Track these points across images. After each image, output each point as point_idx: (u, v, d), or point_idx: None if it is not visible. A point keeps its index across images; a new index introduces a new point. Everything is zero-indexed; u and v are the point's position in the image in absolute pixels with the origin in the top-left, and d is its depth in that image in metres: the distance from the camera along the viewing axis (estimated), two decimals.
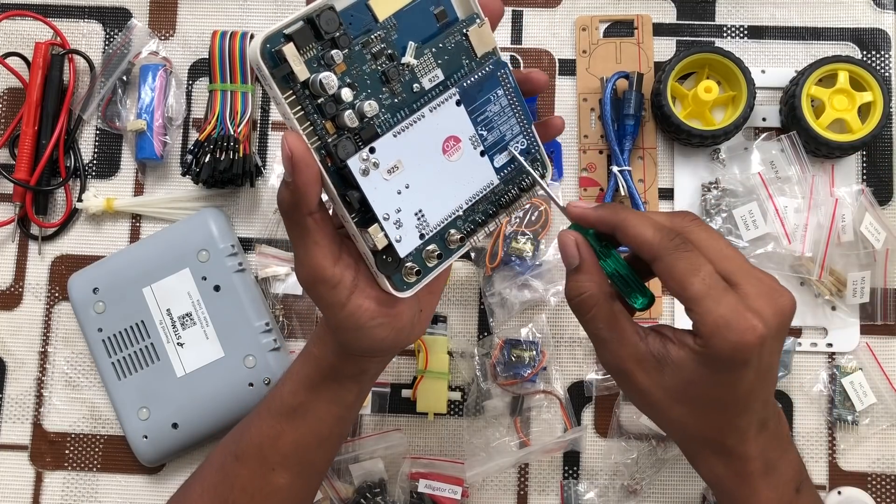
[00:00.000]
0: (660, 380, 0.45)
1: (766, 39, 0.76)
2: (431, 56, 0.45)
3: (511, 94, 0.47)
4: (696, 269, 0.42)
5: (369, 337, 0.47)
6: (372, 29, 0.44)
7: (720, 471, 0.48)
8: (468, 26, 0.46)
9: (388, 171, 0.44)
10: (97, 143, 0.77)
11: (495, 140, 0.47)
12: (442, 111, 0.45)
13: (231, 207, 0.75)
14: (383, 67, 0.44)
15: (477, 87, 0.46)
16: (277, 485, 0.54)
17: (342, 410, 0.54)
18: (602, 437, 0.72)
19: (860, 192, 0.73)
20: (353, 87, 0.43)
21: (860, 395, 0.71)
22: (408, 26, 0.44)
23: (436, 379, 0.70)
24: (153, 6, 0.78)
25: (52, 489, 0.73)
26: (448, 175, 0.46)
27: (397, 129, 0.44)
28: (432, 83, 0.45)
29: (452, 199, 0.46)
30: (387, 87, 0.44)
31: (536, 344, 0.71)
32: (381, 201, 0.44)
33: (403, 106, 0.45)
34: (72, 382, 0.74)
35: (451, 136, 0.45)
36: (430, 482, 0.69)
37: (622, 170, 0.72)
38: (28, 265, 0.75)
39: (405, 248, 0.45)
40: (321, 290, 0.45)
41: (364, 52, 0.43)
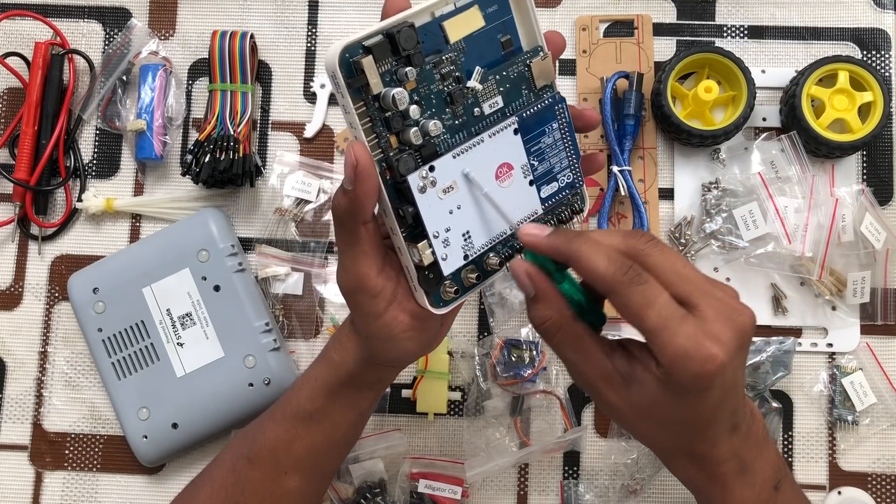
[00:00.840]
0: (627, 396, 0.45)
1: (766, 39, 0.76)
2: (494, 83, 0.46)
3: (565, 128, 0.48)
4: (651, 302, 0.42)
5: (398, 348, 0.49)
6: (443, 50, 0.44)
7: (693, 474, 0.48)
8: (532, 58, 0.47)
9: (443, 191, 0.44)
10: (97, 143, 0.77)
11: (545, 171, 0.48)
12: (500, 138, 0.46)
13: (231, 207, 0.75)
14: (450, 89, 0.45)
15: (535, 118, 0.47)
16: (288, 488, 0.54)
17: (357, 416, 0.55)
18: (602, 437, 0.72)
19: (860, 192, 0.73)
20: (420, 104, 0.44)
21: (860, 395, 0.71)
22: (475, 51, 0.45)
23: (436, 379, 0.70)
24: (153, 6, 0.78)
25: (52, 489, 0.73)
26: (498, 200, 0.46)
27: (457, 150, 0.44)
28: (491, 109, 0.46)
29: (498, 225, 0.47)
30: (450, 108, 0.45)
31: (536, 344, 0.71)
32: (434, 219, 0.44)
33: (463, 128, 0.45)
34: (72, 382, 0.74)
35: (505, 162, 0.46)
36: (430, 482, 0.69)
37: (622, 170, 0.72)
38: (28, 265, 0.75)
39: (449, 268, 0.46)
40: (361, 299, 0.46)
41: (434, 72, 0.44)
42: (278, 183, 0.75)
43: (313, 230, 0.74)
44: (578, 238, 0.44)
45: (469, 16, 0.44)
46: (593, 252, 0.43)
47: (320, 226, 0.75)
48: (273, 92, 0.77)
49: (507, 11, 0.46)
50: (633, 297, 0.42)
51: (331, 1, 0.78)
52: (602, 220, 0.73)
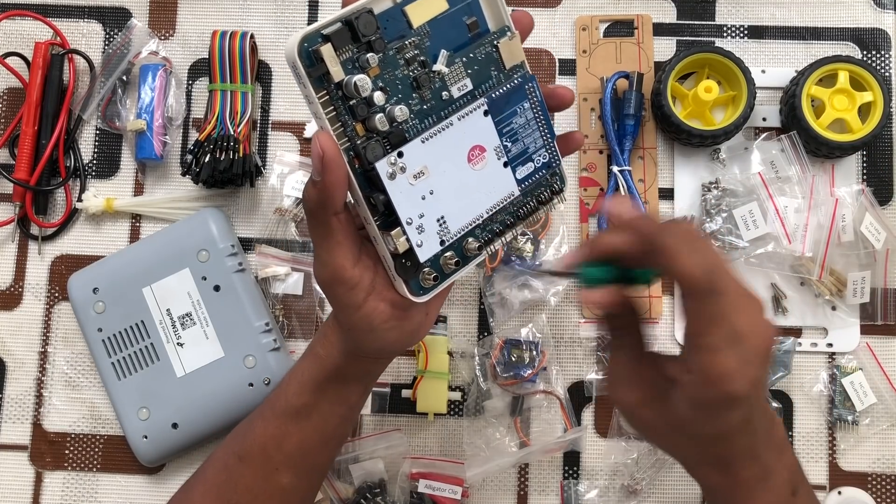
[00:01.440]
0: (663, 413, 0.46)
1: (766, 39, 0.76)
2: (462, 65, 0.46)
3: (537, 107, 0.48)
4: (724, 319, 0.42)
5: (381, 339, 0.48)
6: (406, 35, 0.44)
7: (716, 480, 0.48)
8: (499, 38, 0.46)
9: (413, 177, 0.44)
10: (97, 143, 0.77)
11: (519, 152, 0.48)
12: (470, 120, 0.45)
13: (231, 207, 0.75)
14: (415, 73, 0.44)
15: (505, 98, 0.46)
16: (281, 485, 0.54)
17: (346, 411, 0.55)
18: (602, 437, 0.72)
19: (860, 192, 0.73)
20: (385, 90, 0.43)
21: (860, 395, 0.71)
22: (440, 34, 0.45)
23: (436, 379, 0.70)
24: (153, 6, 0.78)
25: (52, 489, 0.73)
26: (471, 184, 0.46)
27: (426, 135, 0.44)
28: (461, 92, 0.46)
29: (474, 208, 0.47)
30: (417, 93, 0.44)
31: (536, 344, 0.71)
32: (406, 206, 0.44)
33: (432, 112, 0.45)
34: (72, 382, 0.74)
35: (476, 145, 0.46)
36: (430, 482, 0.69)
37: (622, 170, 0.72)
38: (28, 265, 0.75)
39: (425, 254, 0.45)
40: (339, 291, 0.46)
41: (398, 58, 0.44)
42: (278, 183, 0.74)
43: None
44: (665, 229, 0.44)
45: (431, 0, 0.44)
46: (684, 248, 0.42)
47: None
48: (273, 92, 0.77)
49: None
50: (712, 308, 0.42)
51: (331, 1, 0.78)
52: (602, 220, 0.73)
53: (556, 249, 0.73)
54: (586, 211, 0.74)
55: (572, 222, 0.74)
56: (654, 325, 0.72)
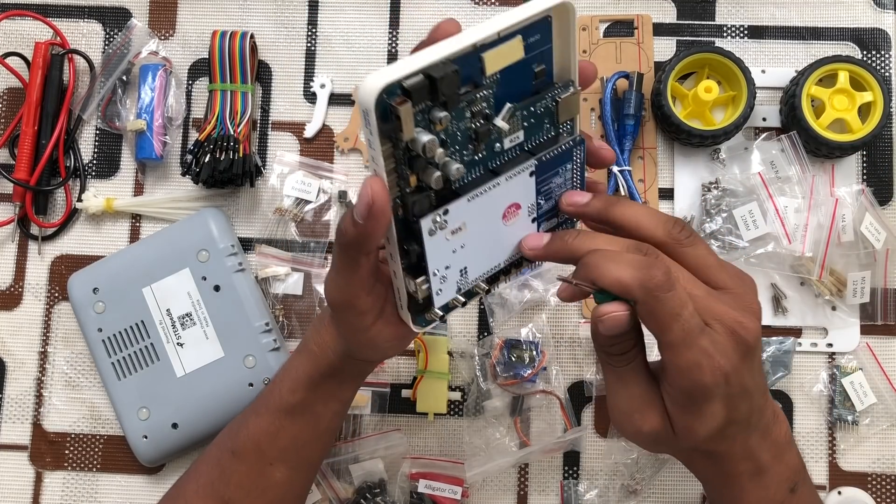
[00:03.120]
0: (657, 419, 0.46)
1: (766, 39, 0.76)
2: (519, 118, 0.44)
3: (577, 170, 0.47)
4: (676, 314, 0.41)
5: (380, 354, 0.51)
6: (478, 83, 0.41)
7: (710, 472, 0.49)
8: (562, 93, 0.44)
9: (451, 232, 0.43)
10: (97, 143, 0.77)
11: (549, 208, 0.47)
12: (516, 180, 0.44)
13: (231, 207, 0.75)
14: (477, 126, 0.42)
15: (553, 161, 0.45)
16: (274, 479, 0.54)
17: (340, 406, 0.55)
18: (602, 437, 0.72)
19: (860, 192, 0.73)
20: (446, 145, 0.42)
21: (860, 395, 0.71)
22: (507, 81, 0.43)
23: (436, 379, 0.70)
24: (153, 6, 0.78)
25: (52, 489, 0.73)
26: (499, 238, 0.46)
27: (472, 193, 0.43)
28: (511, 143, 0.44)
29: (495, 259, 0.47)
30: (473, 144, 0.43)
31: (536, 344, 0.71)
32: (437, 260, 0.44)
33: (481, 164, 0.44)
34: (72, 382, 0.74)
35: (514, 203, 0.45)
36: (430, 482, 0.69)
37: (622, 170, 0.72)
38: (28, 265, 0.75)
39: (441, 301, 0.46)
40: (349, 315, 0.47)
41: (465, 110, 0.42)
42: (278, 183, 0.75)
43: (313, 230, 0.74)
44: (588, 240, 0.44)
45: (511, 47, 0.41)
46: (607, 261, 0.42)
47: (320, 226, 0.75)
48: (273, 92, 0.77)
49: (548, 41, 0.43)
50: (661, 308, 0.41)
51: (331, 1, 0.78)
52: None
53: None
54: None
55: None
56: None
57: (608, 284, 0.42)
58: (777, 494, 0.48)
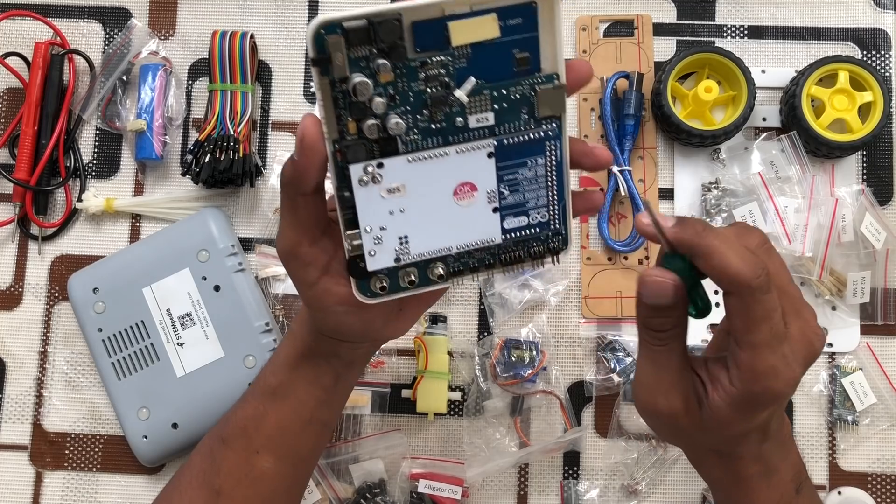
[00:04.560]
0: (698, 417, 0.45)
1: (766, 39, 0.76)
2: (489, 98, 0.42)
3: (552, 167, 0.45)
4: (769, 316, 0.41)
5: (334, 320, 0.48)
6: (442, 50, 0.41)
7: (720, 474, 0.49)
8: (543, 84, 0.43)
9: (387, 191, 0.43)
10: (97, 143, 0.77)
11: (515, 203, 0.45)
12: (470, 156, 0.43)
13: (231, 207, 0.75)
14: (431, 92, 0.42)
15: (518, 148, 0.44)
16: (262, 469, 0.54)
17: (322, 393, 0.54)
18: (602, 437, 0.72)
19: (860, 192, 0.73)
20: (394, 99, 0.42)
21: (860, 395, 0.71)
22: (482, 60, 0.41)
23: (436, 379, 0.70)
24: (153, 6, 0.78)
25: (52, 489, 0.73)
26: (449, 216, 0.44)
27: (414, 155, 0.43)
28: (478, 124, 0.43)
29: (443, 239, 0.45)
30: (428, 110, 0.42)
31: (536, 344, 0.71)
32: (369, 214, 0.43)
33: (438, 134, 0.43)
34: (72, 382, 0.74)
35: (468, 182, 0.44)
36: (430, 482, 0.69)
37: (622, 170, 0.72)
38: (28, 265, 0.75)
39: (374, 265, 0.45)
40: (292, 265, 0.47)
41: (419, 71, 0.41)
42: (278, 183, 0.74)
43: None
44: (710, 232, 0.42)
45: (482, 23, 0.40)
46: (727, 249, 0.41)
47: None
48: (273, 92, 0.77)
49: (532, 29, 0.41)
50: (758, 307, 0.41)
51: (331, 1, 0.78)
52: (602, 220, 0.73)
53: None
54: None
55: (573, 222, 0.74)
56: None
57: (716, 266, 0.41)
58: (784, 496, 0.48)
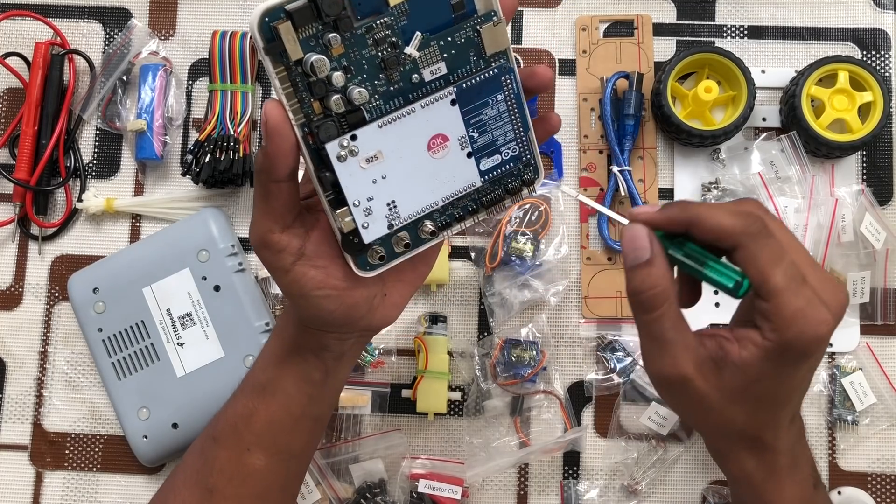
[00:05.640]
0: (718, 383, 0.44)
1: (766, 39, 0.76)
2: (437, 49, 0.43)
3: (511, 100, 0.46)
4: (778, 259, 0.41)
5: (315, 306, 0.47)
6: (382, 12, 0.42)
7: (750, 466, 0.48)
8: (483, 23, 0.43)
9: (366, 160, 0.43)
10: (97, 143, 0.77)
11: (486, 143, 0.46)
12: (434, 108, 0.44)
13: (231, 207, 0.75)
14: (383, 55, 0.42)
15: (476, 89, 0.44)
16: (254, 467, 0.54)
17: (310, 388, 0.54)
18: (602, 437, 0.72)
19: (860, 192, 0.73)
20: (349, 70, 0.42)
21: (860, 395, 0.71)
22: (419, 13, 0.42)
23: (436, 379, 0.70)
24: (153, 6, 0.78)
25: (52, 489, 0.73)
26: (429, 171, 0.45)
27: (383, 120, 0.43)
28: (433, 76, 0.44)
29: (429, 195, 0.46)
30: (384, 73, 0.43)
31: (536, 344, 0.71)
32: (354, 188, 0.43)
33: (399, 94, 0.44)
34: (72, 382, 0.74)
35: (439, 134, 0.44)
36: (430, 482, 0.69)
37: (622, 170, 0.73)
38: (28, 265, 0.75)
39: (370, 236, 0.45)
40: (265, 254, 0.46)
41: (366, 37, 0.42)
42: None
43: None
44: (694, 204, 0.44)
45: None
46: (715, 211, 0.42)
47: None
48: (273, 92, 0.77)
49: None
50: (763, 252, 0.41)
51: None
52: (602, 220, 0.73)
53: (556, 249, 0.73)
54: (586, 211, 0.74)
55: (572, 222, 0.74)
56: None
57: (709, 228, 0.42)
58: (806, 492, 0.48)
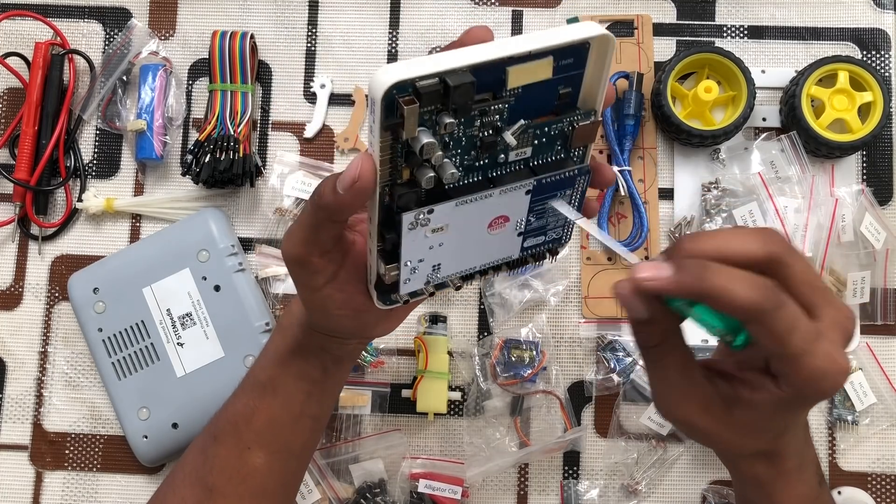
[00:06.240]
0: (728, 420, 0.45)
1: (766, 39, 0.76)
2: (531, 135, 0.43)
3: (577, 196, 0.46)
4: (792, 327, 0.41)
5: (333, 322, 0.49)
6: (497, 93, 0.40)
7: (761, 470, 0.48)
8: (582, 120, 0.43)
9: (432, 231, 0.43)
10: (97, 143, 0.77)
11: (538, 226, 0.46)
12: (511, 195, 0.43)
13: (231, 207, 0.75)
14: (483, 136, 0.41)
15: (553, 185, 0.44)
16: (254, 465, 0.54)
17: (309, 386, 0.54)
18: (602, 437, 0.72)
19: (860, 192, 0.73)
20: (448, 146, 0.41)
21: (860, 395, 0.71)
22: (528, 97, 0.41)
23: (436, 379, 0.70)
24: (153, 6, 0.78)
25: (52, 489, 0.73)
26: (481, 243, 0.45)
27: (462, 199, 0.42)
28: (517, 157, 0.43)
29: (472, 261, 0.46)
30: (476, 152, 0.42)
31: (536, 344, 0.71)
32: (412, 252, 0.43)
33: (480, 170, 0.43)
34: (72, 382, 0.74)
35: (503, 215, 0.44)
36: (430, 482, 0.69)
37: (622, 170, 0.72)
38: (28, 265, 0.75)
39: (407, 289, 0.46)
40: (298, 271, 0.47)
41: (476, 119, 0.40)
42: (278, 183, 0.75)
43: None
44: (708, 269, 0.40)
45: (539, 66, 0.40)
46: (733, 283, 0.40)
47: None
48: (273, 92, 0.77)
49: (581, 67, 0.41)
50: (778, 325, 0.41)
51: (331, 1, 0.78)
52: (602, 221, 0.73)
53: None
54: None
55: None
56: None
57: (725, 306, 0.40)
58: (812, 489, 0.49)
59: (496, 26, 0.77)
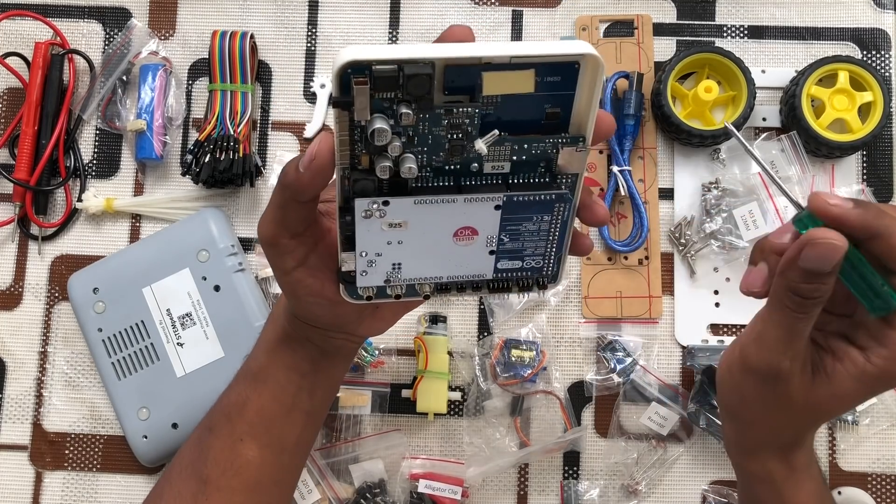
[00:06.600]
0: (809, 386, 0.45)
1: (766, 39, 0.76)
2: (508, 150, 0.41)
3: (556, 226, 0.44)
4: None
5: (305, 308, 0.49)
6: (471, 96, 0.39)
7: (774, 465, 0.49)
8: (567, 144, 0.42)
9: (389, 225, 0.43)
10: (97, 143, 0.77)
11: (513, 249, 0.45)
12: (476, 205, 0.42)
13: (231, 207, 0.75)
14: (452, 138, 0.41)
15: (527, 205, 0.43)
16: (247, 458, 0.54)
17: (300, 378, 0.54)
18: (602, 437, 0.72)
19: (860, 192, 0.73)
20: (412, 140, 0.40)
21: None
22: (511, 110, 0.40)
23: (436, 379, 0.70)
24: (153, 6, 0.78)
25: (51, 489, 0.73)
26: (445, 252, 0.44)
27: (421, 198, 0.42)
28: (494, 170, 0.42)
29: (436, 269, 0.45)
30: (444, 153, 0.41)
31: (536, 344, 0.71)
32: (367, 242, 0.43)
33: (451, 174, 0.42)
34: (72, 382, 0.74)
35: (470, 227, 0.43)
36: (430, 482, 0.69)
37: (622, 170, 0.72)
38: (28, 265, 0.75)
39: (364, 283, 0.45)
40: (271, 252, 0.47)
41: (443, 119, 0.40)
42: None
43: None
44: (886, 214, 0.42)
45: (519, 77, 0.39)
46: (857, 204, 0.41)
47: None
48: (273, 92, 0.77)
49: (570, 87, 0.40)
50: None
51: (331, 1, 0.78)
52: None
53: None
54: None
55: None
56: (654, 326, 0.72)
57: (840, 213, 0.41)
58: (817, 487, 0.49)
59: (496, 26, 0.77)
